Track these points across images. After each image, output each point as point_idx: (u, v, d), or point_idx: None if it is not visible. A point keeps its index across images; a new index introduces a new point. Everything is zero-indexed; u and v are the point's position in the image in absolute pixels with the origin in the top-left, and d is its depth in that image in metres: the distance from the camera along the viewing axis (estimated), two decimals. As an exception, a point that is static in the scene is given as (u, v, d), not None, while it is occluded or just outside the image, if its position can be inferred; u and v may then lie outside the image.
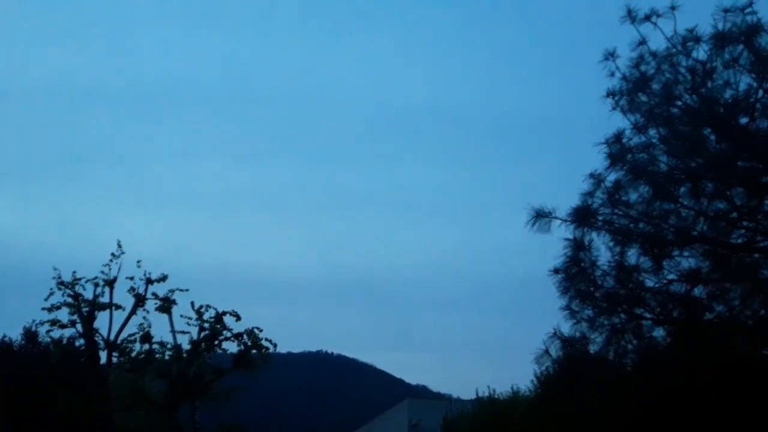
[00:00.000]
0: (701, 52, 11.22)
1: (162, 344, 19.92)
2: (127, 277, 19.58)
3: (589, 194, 11.57)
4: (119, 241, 19.57)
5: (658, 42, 11.53)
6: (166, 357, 19.87)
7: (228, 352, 20.11)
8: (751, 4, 10.84)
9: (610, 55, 11.89)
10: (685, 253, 11.16)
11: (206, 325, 19.79)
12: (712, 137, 11.29)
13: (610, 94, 11.82)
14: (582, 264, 11.45)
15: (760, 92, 10.76)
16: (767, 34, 10.65)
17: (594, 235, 11.43)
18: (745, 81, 10.88)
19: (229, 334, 19.90)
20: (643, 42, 11.61)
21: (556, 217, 11.43)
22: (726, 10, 10.93)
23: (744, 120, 10.95)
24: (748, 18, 10.81)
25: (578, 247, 11.45)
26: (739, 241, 11.23)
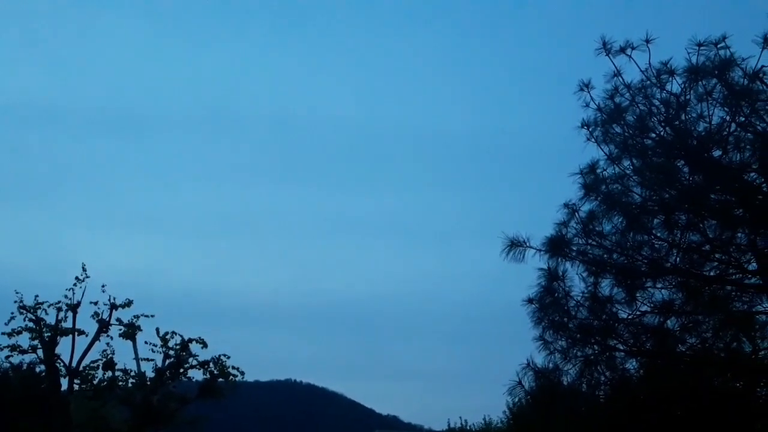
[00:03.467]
0: (675, 85, 11.38)
1: (125, 371, 19.39)
2: (91, 302, 19.09)
3: (564, 224, 11.56)
4: (84, 265, 19.11)
5: (632, 74, 11.65)
6: (130, 385, 19.35)
7: (194, 380, 19.66)
8: (724, 39, 11.00)
9: (585, 86, 11.97)
10: (658, 285, 11.15)
11: (171, 352, 19.34)
12: (686, 169, 11.36)
13: (585, 124, 11.89)
14: (556, 294, 11.40)
15: (733, 125, 10.87)
16: (740, 69, 10.78)
17: (568, 265, 11.40)
18: (718, 114, 11.03)
19: (195, 362, 19.46)
20: (617, 74, 11.72)
21: (531, 247, 11.39)
22: (700, 44, 11.07)
23: (717, 153, 11.03)
24: (722, 52, 10.99)
25: (552, 278, 11.41)
26: (712, 273, 11.24)
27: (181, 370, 19.37)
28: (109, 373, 19.33)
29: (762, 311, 10.79)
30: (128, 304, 19.25)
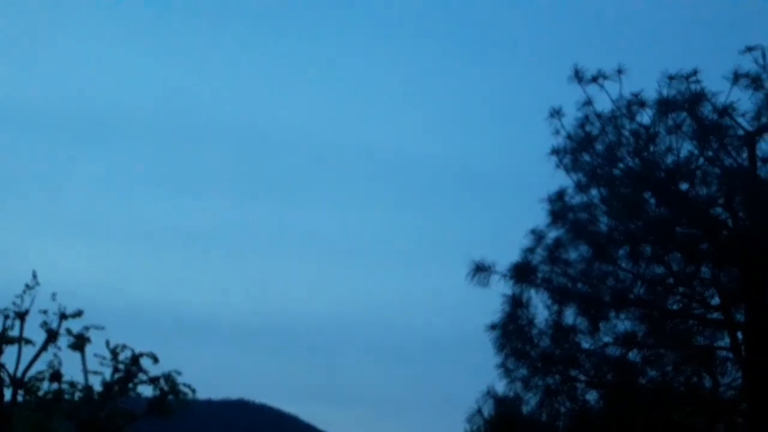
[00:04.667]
0: (645, 117, 11.43)
1: (72, 384, 18.73)
2: (40, 311, 18.47)
3: (530, 250, 11.48)
4: (35, 272, 18.50)
5: (603, 103, 11.66)
6: (76, 398, 18.73)
7: (143, 396, 19.08)
8: (695, 73, 11.10)
9: (556, 113, 11.95)
10: (622, 316, 11.10)
11: (121, 366, 18.76)
12: (653, 201, 11.39)
13: (555, 151, 11.85)
14: (519, 321, 11.27)
15: (701, 159, 10.95)
16: (710, 103, 10.87)
17: (533, 292, 11.29)
18: (686, 147, 11.11)
19: (145, 378, 18.90)
20: (588, 102, 11.73)
21: (496, 272, 11.27)
22: (671, 77, 11.16)
23: (684, 186, 11.09)
24: (692, 86, 11.08)
25: (516, 304, 11.29)
26: (675, 306, 11.25)
27: (131, 386, 18.81)
28: (56, 385, 18.70)
29: (723, 347, 10.80)
30: (78, 314, 18.65)
